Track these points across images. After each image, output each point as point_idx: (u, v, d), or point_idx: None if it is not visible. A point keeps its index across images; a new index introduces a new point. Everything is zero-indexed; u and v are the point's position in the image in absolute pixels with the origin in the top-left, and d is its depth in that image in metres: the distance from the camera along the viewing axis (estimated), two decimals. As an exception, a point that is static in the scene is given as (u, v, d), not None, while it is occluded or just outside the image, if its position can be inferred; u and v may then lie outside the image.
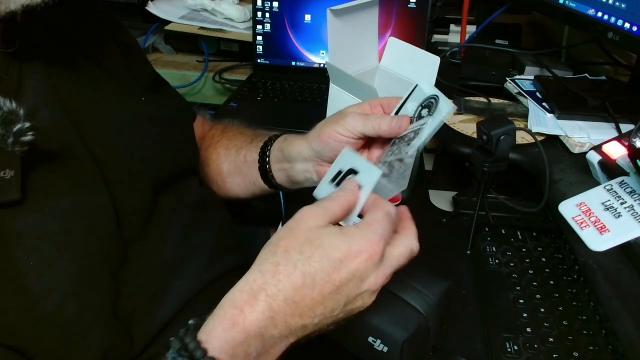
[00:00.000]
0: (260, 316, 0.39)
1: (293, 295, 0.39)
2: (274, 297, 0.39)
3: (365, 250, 0.40)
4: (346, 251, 0.40)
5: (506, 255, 0.65)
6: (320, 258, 0.40)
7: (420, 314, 0.47)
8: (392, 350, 0.46)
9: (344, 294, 0.40)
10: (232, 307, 0.40)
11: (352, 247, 0.40)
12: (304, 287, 0.40)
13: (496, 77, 0.94)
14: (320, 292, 0.40)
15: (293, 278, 0.40)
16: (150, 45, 1.34)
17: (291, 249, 0.41)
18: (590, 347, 0.53)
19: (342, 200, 0.44)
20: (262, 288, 0.40)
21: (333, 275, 0.40)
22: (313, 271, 0.40)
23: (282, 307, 0.39)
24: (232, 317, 0.39)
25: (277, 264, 0.40)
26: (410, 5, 1.09)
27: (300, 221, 0.42)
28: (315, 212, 0.42)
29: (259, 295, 0.40)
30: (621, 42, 0.73)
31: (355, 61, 0.69)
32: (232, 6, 1.28)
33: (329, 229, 0.41)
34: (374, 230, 0.41)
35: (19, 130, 0.40)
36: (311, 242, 0.40)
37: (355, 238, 0.40)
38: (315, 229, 0.41)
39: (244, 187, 0.72)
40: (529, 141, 0.75)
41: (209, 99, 1.28)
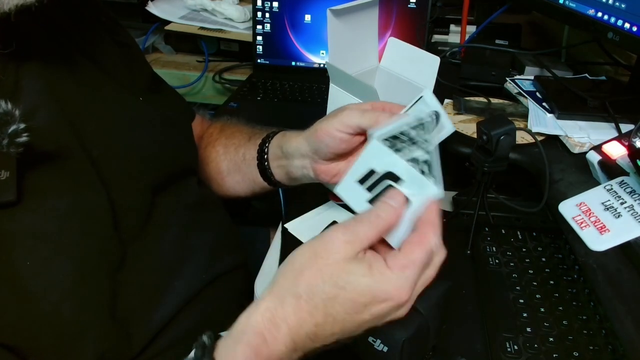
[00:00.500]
0: (283, 348, 0.39)
1: (315, 331, 0.40)
2: (296, 331, 0.40)
3: (392, 299, 0.39)
4: (372, 297, 0.39)
5: (506, 255, 0.65)
6: (344, 301, 0.39)
7: (420, 314, 0.47)
8: (392, 350, 0.46)
9: (363, 328, 0.41)
10: (255, 335, 0.39)
11: (379, 294, 0.39)
12: (326, 324, 0.40)
13: (496, 77, 0.94)
14: (341, 328, 0.40)
15: (315, 316, 0.39)
16: (150, 45, 1.34)
17: (314, 285, 0.39)
18: (590, 347, 0.53)
19: (380, 226, 0.41)
20: (284, 320, 0.40)
21: (355, 317, 0.40)
22: (335, 313, 0.39)
23: (303, 340, 0.40)
24: (256, 347, 0.39)
25: (299, 298, 0.40)
26: (410, 5, 1.09)
27: (329, 251, 0.40)
28: (346, 239, 0.40)
29: (281, 327, 0.39)
30: (621, 42, 0.73)
31: (355, 61, 0.69)
32: (232, 6, 1.28)
33: (357, 267, 0.39)
34: (406, 276, 0.39)
35: (14, 131, 0.40)
36: (337, 281, 0.39)
37: (383, 284, 0.39)
38: (342, 264, 0.39)
39: (244, 185, 0.71)
40: (529, 141, 0.75)
41: (209, 99, 1.28)
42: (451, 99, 0.88)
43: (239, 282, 0.64)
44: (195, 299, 0.55)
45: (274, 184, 0.68)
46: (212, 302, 0.58)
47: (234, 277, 0.63)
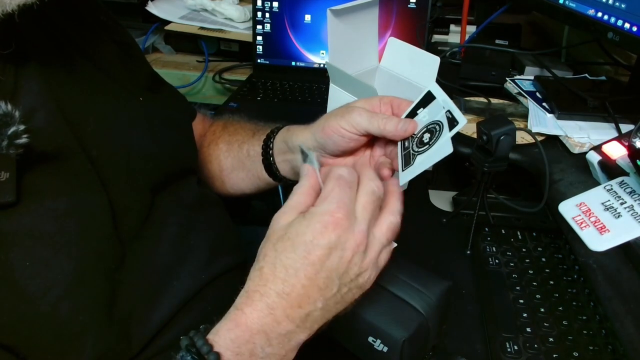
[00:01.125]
0: (260, 314, 0.41)
1: (283, 288, 0.42)
2: (267, 295, 0.42)
3: (328, 223, 0.41)
4: (312, 231, 0.42)
5: (506, 255, 0.65)
6: (293, 247, 0.42)
7: (420, 314, 0.47)
8: (392, 350, 0.46)
9: (330, 269, 0.42)
10: (234, 309, 0.42)
11: (315, 225, 0.42)
12: (289, 278, 0.42)
13: (496, 77, 0.94)
14: (306, 277, 0.41)
15: (277, 273, 0.42)
16: (150, 45, 1.34)
17: (268, 251, 0.43)
18: (590, 347, 0.53)
19: (302, 189, 0.46)
20: (255, 290, 0.42)
21: (310, 257, 0.41)
22: (291, 261, 0.42)
23: (277, 302, 0.41)
24: (235, 318, 0.42)
25: (261, 268, 0.43)
26: (410, 5, 1.09)
27: (272, 225, 0.45)
28: (282, 211, 0.45)
29: (254, 296, 0.42)
30: (621, 42, 0.73)
31: (355, 61, 0.69)
32: (232, 6, 1.28)
33: (293, 221, 0.43)
34: (329, 201, 0.43)
35: (14, 132, 0.40)
36: (282, 238, 0.43)
37: (315, 216, 0.42)
38: (284, 226, 0.44)
39: (248, 182, 0.72)
40: (529, 141, 0.75)
41: (209, 99, 1.28)
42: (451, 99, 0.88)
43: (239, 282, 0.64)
44: (195, 298, 0.55)
45: (279, 179, 0.68)
46: (211, 302, 0.58)
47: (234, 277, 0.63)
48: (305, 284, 0.41)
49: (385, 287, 0.49)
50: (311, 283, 0.42)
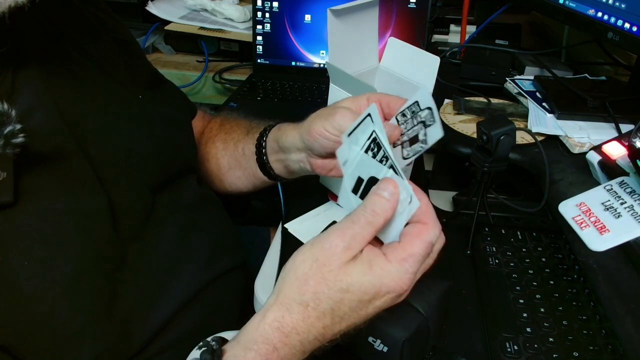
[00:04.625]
0: (293, 351, 0.40)
1: (323, 332, 0.41)
2: (305, 337, 0.40)
3: (394, 291, 0.40)
4: (375, 293, 0.40)
5: (506, 255, 0.65)
6: (350, 302, 0.40)
7: (420, 314, 0.47)
8: (392, 350, 0.46)
9: (367, 318, 0.42)
10: (264, 344, 0.40)
11: (381, 289, 0.40)
12: (334, 325, 0.41)
13: (496, 77, 0.94)
14: (347, 325, 0.41)
15: (323, 320, 0.40)
16: (150, 45, 1.34)
17: (320, 293, 0.40)
18: (590, 347, 0.53)
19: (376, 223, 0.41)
20: (294, 328, 0.40)
21: (361, 313, 0.41)
22: (342, 313, 0.40)
23: (311, 342, 0.41)
24: (266, 354, 0.40)
25: (306, 306, 0.40)
26: (410, 5, 1.09)
27: (330, 259, 0.40)
28: (345, 245, 0.40)
29: (290, 335, 0.40)
30: (621, 42, 0.73)
31: (356, 61, 0.69)
32: (232, 6, 1.28)
33: (358, 268, 0.40)
34: (406, 269, 0.40)
35: (10, 132, 0.40)
36: (341, 285, 0.40)
37: (385, 279, 0.40)
38: (344, 268, 0.40)
39: (245, 180, 0.71)
40: (529, 141, 0.75)
41: (209, 99, 1.28)
42: (451, 99, 0.88)
43: (239, 282, 0.64)
44: (195, 299, 0.55)
45: (274, 177, 0.68)
46: (211, 302, 0.58)
47: (234, 277, 0.63)
48: (342, 329, 0.41)
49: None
50: (346, 329, 0.42)
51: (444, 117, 0.83)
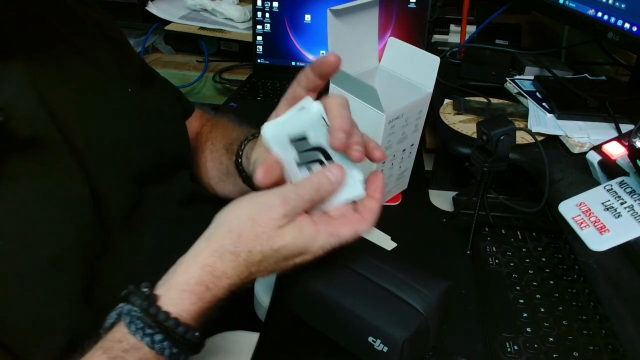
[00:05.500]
0: (224, 291, 0.44)
1: (248, 277, 0.45)
2: (234, 280, 0.44)
3: (313, 254, 0.45)
4: (299, 253, 0.44)
5: (506, 255, 0.65)
6: (277, 258, 0.44)
7: (420, 314, 0.47)
8: (392, 350, 0.46)
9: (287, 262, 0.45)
10: (198, 285, 0.43)
11: (304, 250, 0.44)
12: (259, 272, 0.45)
13: (496, 77, 0.94)
14: (269, 272, 0.45)
15: (251, 268, 0.44)
16: (150, 45, 1.34)
17: (253, 248, 0.44)
18: (590, 347, 0.53)
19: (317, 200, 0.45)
20: (224, 272, 0.44)
21: (282, 265, 0.45)
22: (268, 265, 0.44)
23: (237, 284, 0.45)
24: (200, 293, 0.43)
25: (237, 255, 0.44)
26: (410, 5, 1.09)
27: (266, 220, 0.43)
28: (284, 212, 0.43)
29: (221, 278, 0.44)
30: (621, 42, 0.73)
31: (356, 61, 0.69)
32: (232, 6, 1.28)
33: (290, 232, 0.44)
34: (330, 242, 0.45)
35: None
36: (272, 245, 0.43)
37: (309, 244, 0.44)
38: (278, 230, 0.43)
39: (236, 192, 0.71)
40: (529, 141, 0.75)
41: (209, 99, 1.28)
42: (451, 99, 0.88)
43: None
44: None
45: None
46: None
47: None
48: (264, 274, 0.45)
49: (385, 287, 0.49)
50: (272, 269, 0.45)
51: (444, 117, 0.83)
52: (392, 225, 0.72)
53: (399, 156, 0.70)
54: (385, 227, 0.71)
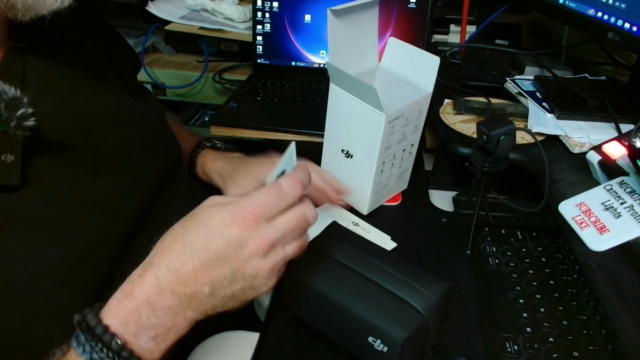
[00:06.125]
0: (146, 285, 0.41)
1: (175, 263, 0.41)
2: (158, 266, 0.41)
3: (236, 218, 0.41)
4: (219, 219, 0.41)
5: (506, 255, 0.65)
6: (197, 228, 0.41)
7: (420, 314, 0.47)
8: (392, 350, 0.46)
9: (225, 260, 0.41)
10: (127, 281, 0.42)
11: (224, 214, 0.41)
12: (184, 255, 0.41)
13: (496, 77, 0.94)
14: (199, 259, 0.41)
15: (175, 248, 0.41)
16: (150, 45, 1.34)
17: (177, 226, 0.43)
18: (590, 347, 0.53)
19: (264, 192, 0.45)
20: (150, 262, 0.42)
21: (210, 243, 0.41)
22: (191, 240, 0.41)
23: (165, 275, 0.41)
24: (125, 289, 0.42)
25: (162, 240, 0.43)
26: (410, 5, 1.09)
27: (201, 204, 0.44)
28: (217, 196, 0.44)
29: (147, 268, 0.42)
30: (621, 42, 0.73)
31: (356, 61, 0.69)
32: (232, 6, 1.28)
33: (212, 204, 0.43)
34: (250, 199, 0.42)
35: (22, 114, 0.42)
36: (193, 216, 0.43)
37: (229, 207, 0.42)
38: (206, 207, 0.43)
39: None
40: (529, 141, 0.75)
41: (209, 99, 1.28)
42: (451, 99, 0.88)
43: None
44: None
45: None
46: None
47: None
48: (196, 265, 0.41)
49: (385, 287, 0.49)
50: (202, 266, 0.41)
51: (444, 117, 0.83)
52: (392, 225, 0.72)
53: (399, 156, 0.70)
54: (385, 227, 0.71)
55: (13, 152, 0.43)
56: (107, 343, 0.39)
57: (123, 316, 0.40)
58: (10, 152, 0.43)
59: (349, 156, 0.69)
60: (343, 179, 0.72)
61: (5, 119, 0.41)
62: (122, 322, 0.40)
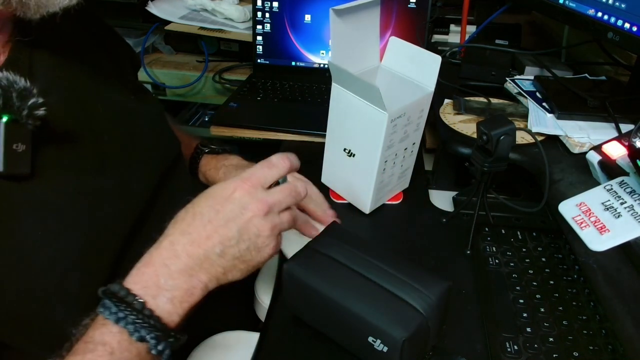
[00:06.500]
0: (162, 250, 0.46)
1: (187, 228, 0.47)
2: (172, 234, 0.47)
3: (237, 186, 0.49)
4: (223, 188, 0.49)
5: (506, 255, 0.65)
6: (206, 199, 0.49)
7: (420, 314, 0.47)
8: (392, 350, 0.46)
9: (231, 220, 0.48)
10: (145, 255, 0.47)
11: (228, 184, 0.49)
12: (195, 221, 0.48)
13: (496, 77, 0.94)
14: (209, 221, 0.48)
15: (186, 218, 0.48)
16: (150, 45, 1.34)
17: (187, 206, 0.50)
18: (590, 347, 0.53)
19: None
20: (166, 234, 0.48)
21: (217, 206, 0.48)
22: (201, 209, 0.48)
23: (179, 239, 0.47)
24: (144, 259, 0.47)
25: (175, 218, 0.49)
26: (410, 5, 1.09)
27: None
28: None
29: (163, 239, 0.48)
30: (621, 42, 0.73)
31: (357, 60, 0.69)
32: (232, 6, 1.28)
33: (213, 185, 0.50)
34: (247, 172, 0.50)
35: (33, 104, 0.44)
36: (204, 193, 0.50)
37: (231, 179, 0.50)
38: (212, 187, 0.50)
39: None
40: (529, 141, 0.75)
41: (209, 99, 1.28)
42: (451, 99, 0.88)
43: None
44: None
45: None
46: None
47: None
48: (206, 226, 0.47)
49: (385, 287, 0.49)
50: (212, 227, 0.47)
51: (444, 117, 0.83)
52: (392, 224, 0.72)
53: (400, 155, 0.70)
54: (386, 225, 0.71)
55: (24, 142, 0.44)
56: (130, 303, 0.43)
57: (144, 281, 0.45)
58: (22, 142, 0.44)
59: (351, 155, 0.69)
60: (345, 178, 0.72)
61: (17, 108, 0.43)
62: (143, 286, 0.45)
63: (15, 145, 0.43)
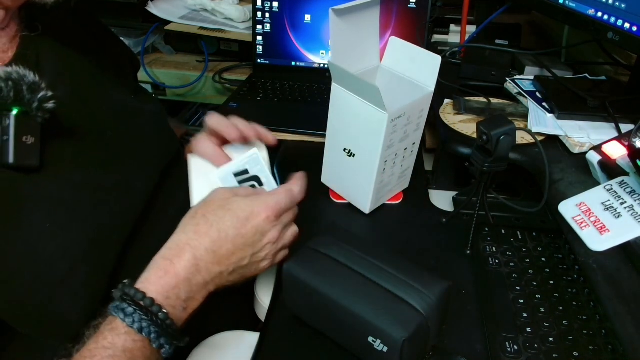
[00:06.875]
0: (187, 264, 0.47)
1: (212, 246, 0.49)
2: (197, 248, 0.48)
3: (264, 212, 0.51)
4: (250, 212, 0.50)
5: (506, 255, 0.65)
6: (231, 218, 0.50)
7: (420, 314, 0.47)
8: (392, 350, 0.46)
9: (249, 245, 0.50)
10: (163, 260, 0.47)
11: (254, 208, 0.50)
12: (220, 240, 0.49)
13: (496, 77, 0.94)
14: (233, 243, 0.49)
15: (211, 233, 0.49)
16: (150, 45, 1.34)
17: (207, 214, 0.50)
18: (590, 347, 0.53)
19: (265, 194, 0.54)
20: (187, 243, 0.48)
21: (241, 230, 0.50)
22: (226, 227, 0.49)
23: (204, 256, 0.48)
24: (165, 267, 0.47)
25: (197, 225, 0.49)
26: (410, 5, 1.09)
27: (213, 195, 0.52)
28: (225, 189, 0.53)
29: (185, 248, 0.48)
30: (621, 42, 0.73)
31: (357, 60, 0.69)
32: (232, 6, 1.28)
33: (237, 197, 0.52)
34: (276, 199, 0.52)
35: (43, 97, 0.44)
36: (223, 207, 0.50)
37: (257, 202, 0.51)
38: (225, 198, 0.51)
39: None
40: (529, 141, 0.75)
41: (209, 99, 1.28)
42: (451, 99, 0.88)
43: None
44: None
45: None
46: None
47: None
48: (229, 248, 0.49)
49: (385, 287, 0.49)
50: (233, 250, 0.49)
51: (444, 117, 0.83)
52: (392, 224, 0.72)
53: (400, 155, 0.70)
54: (386, 225, 0.71)
55: (34, 134, 0.45)
56: (155, 313, 0.44)
57: (166, 291, 0.46)
58: (31, 134, 0.45)
59: (351, 155, 0.69)
60: (345, 178, 0.72)
61: (28, 100, 0.43)
62: (165, 296, 0.46)
63: (25, 137, 0.44)
